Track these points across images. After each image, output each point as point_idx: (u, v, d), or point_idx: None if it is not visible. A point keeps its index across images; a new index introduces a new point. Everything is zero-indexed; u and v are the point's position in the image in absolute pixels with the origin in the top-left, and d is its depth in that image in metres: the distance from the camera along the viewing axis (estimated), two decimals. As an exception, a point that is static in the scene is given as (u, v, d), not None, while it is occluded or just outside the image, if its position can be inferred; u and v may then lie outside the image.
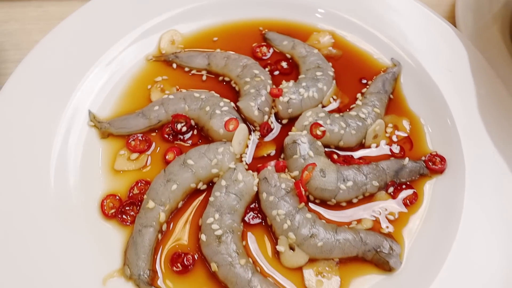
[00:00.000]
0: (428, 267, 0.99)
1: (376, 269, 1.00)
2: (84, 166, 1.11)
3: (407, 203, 1.08)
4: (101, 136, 1.17)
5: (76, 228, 1.02)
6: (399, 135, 1.19)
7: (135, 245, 0.99)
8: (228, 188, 1.03)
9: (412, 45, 1.31)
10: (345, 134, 1.13)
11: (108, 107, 1.22)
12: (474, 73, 1.25)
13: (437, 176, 1.12)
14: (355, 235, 1.00)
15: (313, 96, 1.19)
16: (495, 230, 1.02)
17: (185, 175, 1.05)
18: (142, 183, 1.09)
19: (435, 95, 1.23)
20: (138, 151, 1.15)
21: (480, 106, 1.19)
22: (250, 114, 1.16)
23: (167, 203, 1.02)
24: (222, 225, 0.99)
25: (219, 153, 1.07)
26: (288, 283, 0.98)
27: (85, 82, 1.22)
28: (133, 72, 1.28)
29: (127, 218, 1.05)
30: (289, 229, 0.99)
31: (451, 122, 1.18)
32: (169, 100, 1.19)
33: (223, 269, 0.95)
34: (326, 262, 0.99)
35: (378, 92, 1.23)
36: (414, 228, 1.05)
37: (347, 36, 1.37)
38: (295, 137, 1.10)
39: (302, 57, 1.29)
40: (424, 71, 1.27)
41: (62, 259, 0.97)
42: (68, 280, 0.95)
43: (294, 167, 1.07)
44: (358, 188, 1.06)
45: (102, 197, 1.07)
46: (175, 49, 1.33)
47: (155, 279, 0.98)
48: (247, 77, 1.22)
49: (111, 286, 0.96)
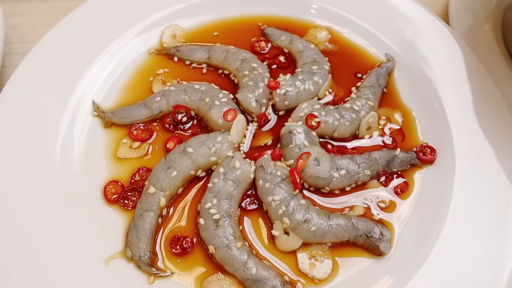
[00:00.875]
0: (417, 252, 1.03)
1: (366, 253, 1.03)
2: (88, 154, 1.15)
3: (398, 191, 1.12)
4: (104, 125, 1.20)
5: (80, 213, 1.05)
6: (392, 127, 1.23)
7: (136, 228, 1.03)
8: (226, 175, 1.07)
9: (406, 41, 1.35)
10: (339, 125, 1.17)
11: (111, 98, 1.25)
12: (465, 69, 1.28)
13: (428, 166, 1.16)
14: (347, 221, 1.04)
15: (309, 89, 1.23)
16: (482, 218, 1.05)
17: (185, 163, 1.09)
18: (144, 170, 1.13)
19: (427, 90, 1.26)
20: (140, 140, 1.18)
21: (470, 100, 1.23)
22: (248, 105, 1.20)
23: (167, 188, 1.06)
24: (219, 210, 1.02)
25: (217, 142, 1.11)
26: (283, 265, 1.01)
27: (89, 74, 1.25)
28: (135, 64, 1.32)
29: (128, 203, 1.09)
30: (284, 214, 1.02)
31: (442, 115, 1.21)
32: (170, 91, 1.23)
33: (220, 251, 0.99)
34: (319, 246, 1.03)
35: (372, 85, 1.26)
36: (404, 215, 1.09)
37: (343, 32, 1.41)
38: (291, 127, 1.13)
39: (299, 51, 1.33)
40: (417, 66, 1.30)
41: (66, 242, 1.00)
42: (72, 261, 0.98)
43: (290, 156, 1.11)
44: (351, 176, 1.10)
45: (105, 183, 1.11)
46: (177, 43, 1.37)
47: (155, 260, 1.02)
48: (245, 70, 1.26)
49: (113, 266, 1.00)
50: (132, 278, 0.99)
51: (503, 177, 1.10)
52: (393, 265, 1.02)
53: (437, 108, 1.23)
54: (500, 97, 1.23)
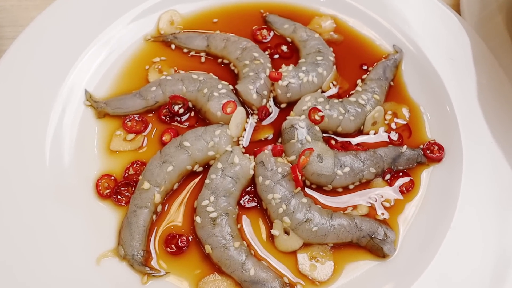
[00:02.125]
0: (421, 254, 0.96)
1: (370, 255, 0.97)
2: (79, 145, 1.07)
3: (404, 190, 1.05)
4: (97, 116, 1.12)
5: (71, 208, 0.99)
6: (398, 123, 1.15)
7: (129, 225, 0.96)
8: (224, 171, 0.99)
9: (414, 32, 1.25)
10: (344, 120, 1.09)
11: (105, 87, 1.17)
12: (476, 62, 1.19)
13: (435, 164, 1.09)
14: (350, 221, 0.97)
15: (312, 81, 1.14)
16: (489, 221, 0.99)
17: (181, 157, 1.01)
18: (138, 164, 1.05)
19: (435, 83, 1.18)
20: (134, 132, 1.10)
21: (481, 96, 1.15)
22: (249, 97, 1.11)
23: (163, 184, 0.99)
24: (217, 208, 0.95)
25: (216, 136, 1.03)
26: (282, 267, 0.95)
27: (82, 60, 1.17)
28: (130, 52, 1.23)
29: (122, 199, 1.01)
30: (284, 213, 0.95)
31: (450, 111, 1.13)
32: (166, 81, 1.14)
33: (217, 251, 0.92)
34: (320, 247, 0.96)
35: (378, 78, 1.18)
36: (409, 215, 1.02)
37: (349, 21, 1.31)
38: (293, 121, 1.05)
39: (303, 41, 1.23)
40: (425, 59, 1.21)
41: (56, 238, 0.94)
42: (62, 259, 0.92)
43: (291, 151, 1.03)
44: (355, 174, 1.02)
45: (97, 177, 1.03)
46: (174, 30, 1.27)
47: (149, 259, 0.95)
48: (246, 59, 1.17)
49: (105, 265, 0.93)
50: (125, 278, 0.93)
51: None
52: (397, 267, 0.95)
53: (445, 103, 1.15)
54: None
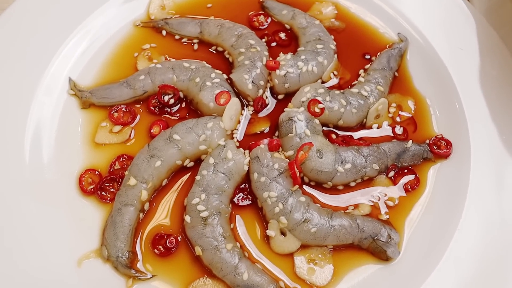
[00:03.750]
0: (427, 257, 0.85)
1: (372, 258, 0.86)
2: (62, 138, 0.95)
3: (409, 188, 0.93)
4: (81, 106, 1.00)
5: (52, 204, 0.87)
6: (403, 116, 1.02)
7: (114, 224, 0.84)
8: (217, 167, 0.87)
9: (420, 19, 1.12)
10: (345, 112, 0.96)
11: (90, 75, 1.04)
12: (486, 52, 1.06)
13: (442, 161, 0.97)
14: (351, 221, 0.85)
15: (312, 71, 1.01)
16: (499, 221, 0.88)
17: (170, 151, 0.89)
18: (124, 158, 0.93)
19: (443, 75, 1.05)
20: (121, 124, 0.98)
21: (491, 88, 1.02)
22: (244, 87, 0.98)
23: (150, 180, 0.87)
24: (208, 206, 0.84)
25: (208, 129, 0.91)
26: (278, 270, 0.84)
27: (66, 46, 1.04)
28: (118, 37, 1.09)
29: (106, 195, 0.90)
30: (281, 213, 0.84)
31: (458, 104, 1.01)
32: (156, 69, 1.01)
33: (208, 253, 0.81)
34: (319, 249, 0.85)
35: (382, 68, 1.05)
36: (414, 216, 0.91)
37: (351, 7, 1.17)
38: (291, 113, 0.93)
39: (302, 28, 1.10)
40: (432, 48, 1.08)
41: (34, 238, 0.83)
42: (40, 260, 0.81)
43: (289, 146, 0.91)
44: (357, 171, 0.91)
45: (81, 172, 0.91)
46: (166, 15, 1.14)
47: (134, 261, 0.84)
48: (241, 47, 1.03)
49: (87, 267, 0.82)
50: (108, 281, 0.82)
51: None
52: (401, 272, 0.85)
53: (453, 96, 1.03)
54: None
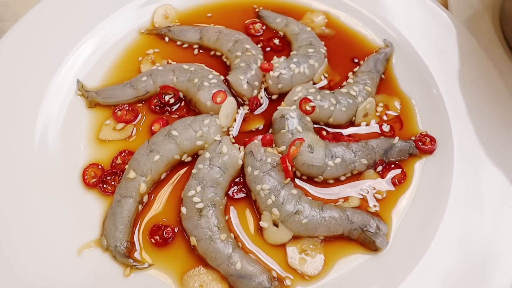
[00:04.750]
0: (414, 247, 0.85)
1: (361, 249, 0.86)
2: (68, 134, 0.98)
3: (396, 182, 0.94)
4: (88, 105, 1.02)
5: (56, 196, 0.89)
6: (390, 114, 1.04)
7: (113, 215, 0.85)
8: (212, 161, 0.88)
9: (405, 27, 1.16)
10: (335, 110, 0.98)
11: (97, 77, 1.07)
12: (465, 56, 1.09)
13: (427, 156, 0.98)
14: (341, 213, 0.86)
15: (304, 72, 1.04)
16: (482, 212, 0.88)
17: (168, 146, 0.90)
18: (126, 153, 0.95)
19: (426, 76, 1.08)
20: (124, 121, 1.00)
21: (471, 88, 1.05)
22: (239, 87, 1.01)
23: (149, 173, 0.88)
24: (203, 198, 0.84)
25: (204, 125, 0.93)
26: (270, 260, 0.84)
27: (76, 51, 1.08)
28: (124, 43, 1.13)
29: (108, 188, 0.91)
30: (273, 205, 0.85)
31: (440, 103, 1.03)
32: (157, 71, 1.04)
33: (202, 243, 0.81)
34: (311, 240, 0.85)
35: (369, 71, 1.07)
36: (401, 208, 0.91)
37: (340, 16, 1.21)
38: (283, 111, 0.95)
39: (294, 34, 1.13)
40: (415, 53, 1.11)
41: (38, 227, 0.84)
42: (43, 249, 0.82)
43: (282, 141, 0.92)
44: (347, 165, 0.92)
45: (85, 166, 0.93)
46: (169, 24, 1.18)
47: (132, 251, 0.84)
48: (238, 51, 1.07)
49: (87, 256, 0.82)
50: (107, 270, 0.82)
51: (505, 169, 0.92)
52: (389, 261, 0.84)
53: (436, 96, 1.05)
54: (503, 85, 1.04)
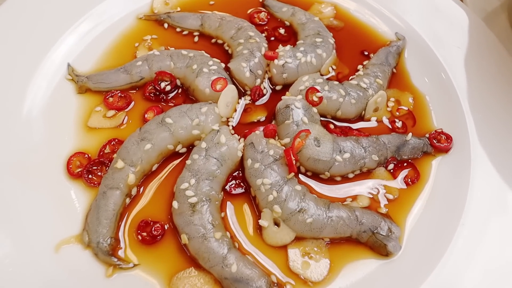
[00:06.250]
0: (429, 253, 0.74)
1: (371, 253, 0.74)
2: (55, 121, 0.87)
3: (409, 182, 0.82)
4: (78, 90, 0.91)
5: (36, 185, 0.77)
6: (402, 109, 0.93)
7: (97, 208, 0.73)
8: (209, 151, 0.77)
9: (418, 20, 1.05)
10: (344, 103, 0.87)
11: (90, 62, 0.97)
12: (484, 52, 0.98)
13: (442, 155, 0.86)
14: (349, 213, 0.74)
15: (311, 62, 0.93)
16: (503, 214, 0.77)
17: (161, 135, 0.79)
18: (116, 142, 0.83)
19: (440, 72, 0.97)
20: (115, 108, 0.89)
21: (489, 85, 0.94)
22: (241, 75, 0.90)
23: (139, 164, 0.77)
24: (197, 192, 0.73)
25: (202, 113, 0.81)
26: (270, 263, 0.72)
27: (69, 34, 0.97)
28: (121, 28, 1.02)
29: (94, 179, 0.79)
30: (275, 201, 0.73)
31: (455, 100, 0.92)
32: (154, 56, 0.93)
33: (194, 242, 0.69)
34: (315, 241, 0.74)
35: (381, 63, 0.96)
36: (415, 210, 0.79)
37: (350, 8, 1.11)
38: (288, 101, 0.84)
39: (301, 23, 1.03)
40: (428, 48, 1.01)
41: (16, 217, 0.73)
42: (19, 241, 0.70)
43: (286, 133, 0.81)
44: (356, 161, 0.80)
45: (70, 154, 0.81)
46: (169, 10, 1.07)
47: (116, 248, 0.72)
48: (241, 38, 0.96)
49: (65, 253, 0.71)
50: (86, 269, 0.70)
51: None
52: (402, 267, 0.73)
53: (450, 92, 0.94)
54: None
